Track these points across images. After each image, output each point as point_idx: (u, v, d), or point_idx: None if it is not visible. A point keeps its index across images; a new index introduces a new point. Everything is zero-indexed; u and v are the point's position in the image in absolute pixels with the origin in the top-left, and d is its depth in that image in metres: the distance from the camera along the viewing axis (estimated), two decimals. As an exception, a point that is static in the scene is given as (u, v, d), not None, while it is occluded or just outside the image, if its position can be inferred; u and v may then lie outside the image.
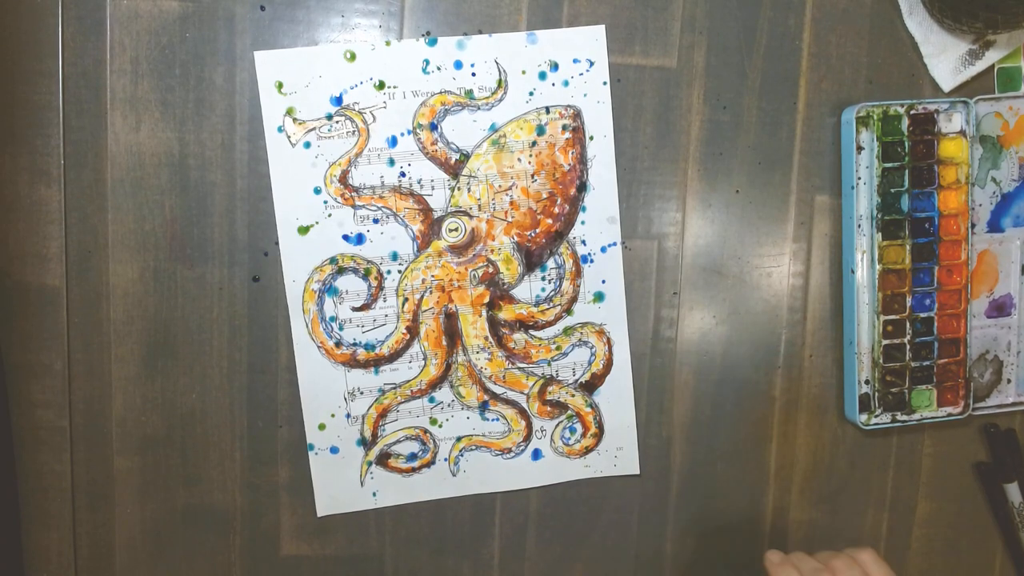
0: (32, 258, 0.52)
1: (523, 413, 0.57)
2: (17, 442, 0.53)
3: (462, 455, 0.56)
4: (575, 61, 0.54)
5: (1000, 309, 0.60)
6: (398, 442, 0.56)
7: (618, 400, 0.57)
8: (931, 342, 0.58)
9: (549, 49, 0.54)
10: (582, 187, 0.55)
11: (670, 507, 0.59)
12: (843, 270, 0.58)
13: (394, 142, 0.53)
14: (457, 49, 0.53)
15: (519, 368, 0.56)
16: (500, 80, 0.53)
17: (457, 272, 0.55)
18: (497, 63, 0.53)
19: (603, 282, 0.56)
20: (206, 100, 0.52)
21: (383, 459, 0.56)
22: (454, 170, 0.54)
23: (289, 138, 0.52)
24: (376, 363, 0.55)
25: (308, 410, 0.55)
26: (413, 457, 0.56)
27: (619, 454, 0.58)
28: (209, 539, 0.55)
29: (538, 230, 0.55)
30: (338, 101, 0.52)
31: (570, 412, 0.57)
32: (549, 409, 0.57)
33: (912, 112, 0.56)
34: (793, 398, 0.60)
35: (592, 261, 0.56)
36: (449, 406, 0.56)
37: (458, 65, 0.53)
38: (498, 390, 0.56)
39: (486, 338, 0.55)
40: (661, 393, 0.58)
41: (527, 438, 0.57)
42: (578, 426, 0.57)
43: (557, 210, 0.55)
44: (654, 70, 0.55)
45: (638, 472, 0.58)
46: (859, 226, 0.57)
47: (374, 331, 0.54)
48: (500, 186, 0.54)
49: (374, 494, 0.56)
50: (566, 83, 0.54)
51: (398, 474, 0.56)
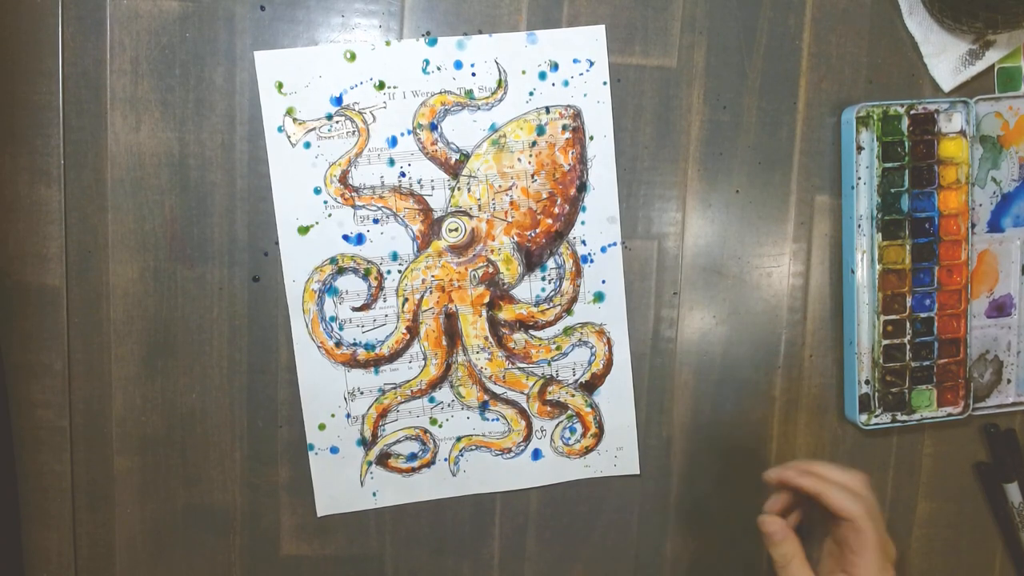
0: (32, 258, 0.52)
1: (523, 413, 0.57)
2: (17, 442, 0.53)
3: (462, 455, 0.56)
4: (575, 61, 0.54)
5: (1000, 309, 0.60)
6: (398, 442, 0.56)
7: (618, 400, 0.57)
8: (931, 342, 0.58)
9: (549, 49, 0.54)
10: (582, 187, 0.55)
11: (670, 507, 0.59)
12: (843, 270, 0.58)
13: (394, 142, 0.53)
14: (457, 49, 0.53)
15: (519, 368, 0.56)
16: (500, 80, 0.53)
17: (457, 272, 0.55)
18: (497, 63, 0.53)
19: (603, 282, 0.56)
20: (206, 100, 0.52)
21: (383, 459, 0.56)
22: (454, 170, 0.54)
23: (289, 138, 0.52)
24: (376, 363, 0.55)
25: (308, 410, 0.55)
26: (413, 457, 0.56)
27: (619, 454, 0.58)
28: (209, 539, 0.55)
29: (538, 230, 0.55)
30: (338, 101, 0.52)
31: (570, 412, 0.57)
32: (549, 409, 0.57)
33: (912, 112, 0.56)
34: (793, 398, 0.60)
35: (592, 261, 0.56)
36: (449, 406, 0.56)
37: (458, 65, 0.53)
38: (498, 390, 0.56)
39: (486, 338, 0.55)
40: (661, 393, 0.58)
41: (527, 438, 0.57)
42: (578, 426, 0.57)
43: (557, 210, 0.55)
44: (654, 70, 0.55)
45: (638, 472, 0.58)
46: (859, 226, 0.57)
47: (374, 331, 0.54)
48: (500, 186, 0.54)
49: (374, 494, 0.56)
50: (566, 83, 0.54)
51: (398, 474, 0.56)
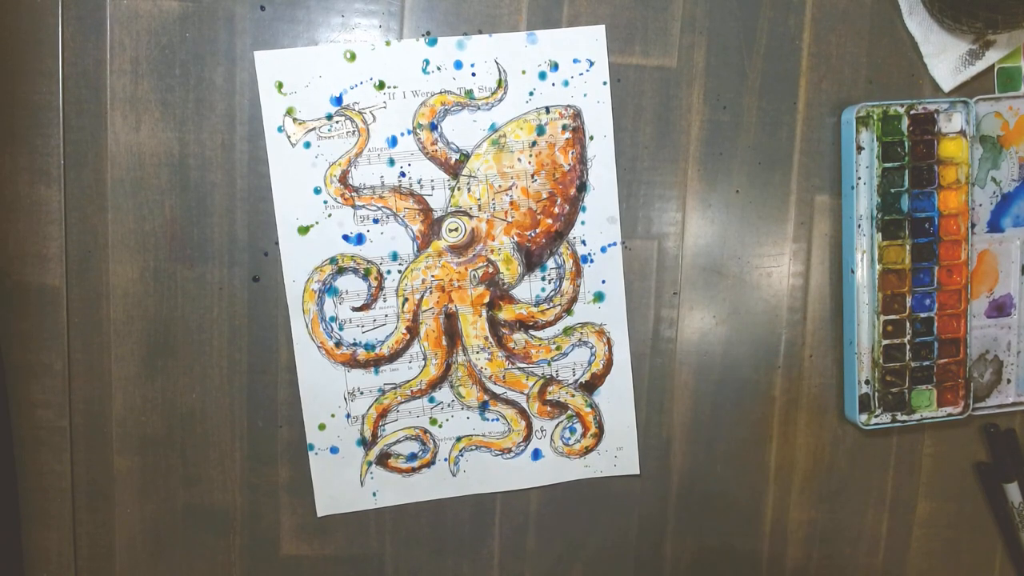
0: (32, 258, 0.52)
1: (523, 413, 0.57)
2: (17, 442, 0.53)
3: (462, 455, 0.56)
4: (575, 61, 0.54)
5: (1000, 309, 0.60)
6: (398, 442, 0.56)
7: (618, 400, 0.57)
8: (931, 342, 0.58)
9: (549, 49, 0.54)
10: (582, 187, 0.55)
11: (670, 507, 0.59)
12: (843, 270, 0.58)
13: (394, 142, 0.53)
14: (457, 49, 0.53)
15: (519, 368, 0.56)
16: (500, 80, 0.53)
17: (457, 272, 0.55)
18: (497, 63, 0.53)
19: (603, 282, 0.56)
20: (206, 100, 0.52)
21: (383, 459, 0.56)
22: (454, 170, 0.54)
23: (289, 138, 0.52)
24: (376, 363, 0.55)
25: (308, 410, 0.55)
26: (413, 457, 0.56)
27: (619, 454, 0.58)
28: (209, 539, 0.55)
29: (538, 230, 0.55)
30: (338, 101, 0.52)
31: (570, 412, 0.57)
32: (549, 409, 0.57)
33: (912, 112, 0.56)
34: (793, 398, 0.60)
35: (592, 261, 0.56)
36: (449, 406, 0.56)
37: (458, 65, 0.53)
38: (498, 390, 0.56)
39: (486, 338, 0.55)
40: (661, 393, 0.58)
41: (527, 438, 0.57)
42: (578, 426, 0.57)
43: (557, 210, 0.55)
44: (654, 70, 0.55)
45: (638, 472, 0.58)
46: (859, 226, 0.57)
47: (374, 331, 0.54)
48: (500, 186, 0.54)
49: (374, 494, 0.56)
50: (566, 83, 0.54)
51: (398, 474, 0.56)
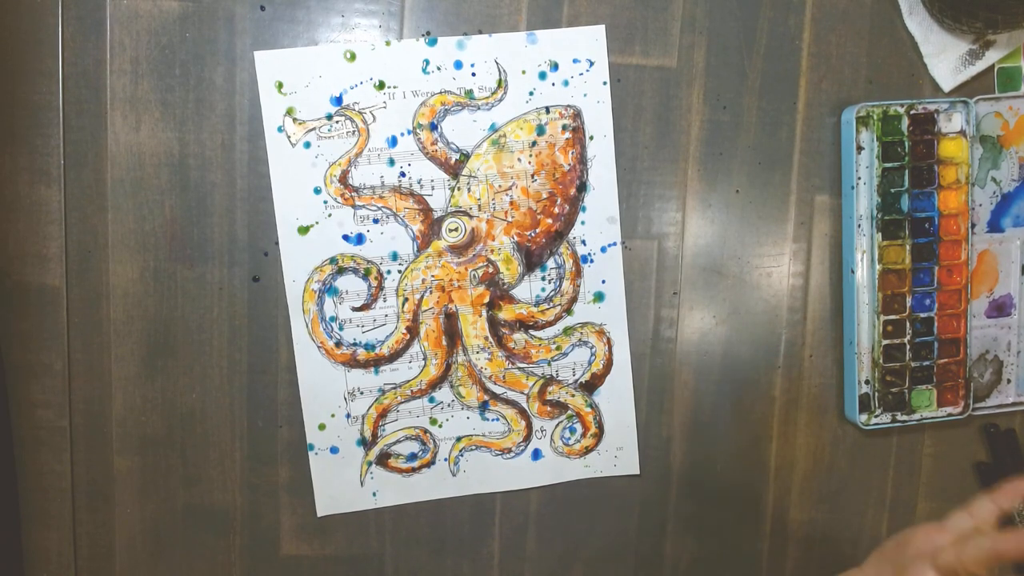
0: (32, 258, 0.52)
1: (523, 413, 0.57)
2: (17, 442, 0.53)
3: (462, 455, 0.56)
4: (575, 61, 0.54)
5: (1000, 309, 0.60)
6: (398, 442, 0.56)
7: (618, 400, 0.57)
8: (931, 342, 0.58)
9: (549, 49, 0.54)
10: (582, 187, 0.55)
11: (670, 507, 0.59)
12: (843, 270, 0.58)
13: (394, 142, 0.53)
14: (457, 49, 0.53)
15: (519, 368, 0.56)
16: (500, 80, 0.53)
17: (457, 272, 0.55)
18: (497, 63, 0.53)
19: (603, 282, 0.56)
20: (206, 100, 0.52)
21: (383, 459, 0.56)
22: (454, 170, 0.54)
23: (289, 138, 0.52)
24: (376, 363, 0.55)
25: (308, 410, 0.55)
26: (413, 457, 0.56)
27: (619, 454, 0.58)
28: (209, 539, 0.55)
29: (538, 230, 0.55)
30: (338, 101, 0.52)
31: (570, 412, 0.57)
32: (549, 409, 0.57)
33: (912, 112, 0.56)
34: (793, 398, 0.60)
35: (592, 261, 0.56)
36: (449, 406, 0.56)
37: (458, 65, 0.53)
38: (498, 390, 0.56)
39: (486, 338, 0.55)
40: (661, 393, 0.58)
41: (527, 438, 0.57)
42: (578, 426, 0.57)
43: (557, 210, 0.55)
44: (654, 70, 0.55)
45: (638, 472, 0.58)
46: (859, 226, 0.57)
47: (374, 331, 0.54)
48: (500, 186, 0.54)
49: (374, 494, 0.56)
50: (566, 83, 0.54)
51: (398, 474, 0.56)
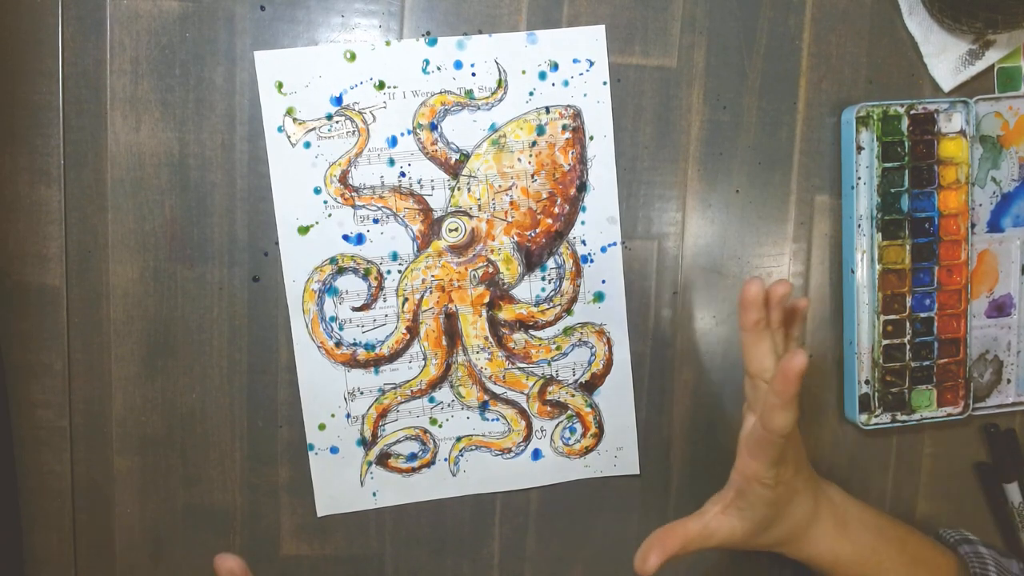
0: (32, 258, 0.52)
1: (523, 413, 0.57)
2: (17, 442, 0.53)
3: (462, 455, 0.56)
4: (575, 61, 0.54)
5: (1000, 309, 0.60)
6: (398, 442, 0.56)
7: (618, 400, 0.57)
8: (931, 342, 0.58)
9: (549, 49, 0.54)
10: (582, 187, 0.55)
11: (670, 507, 0.59)
12: (843, 270, 0.58)
13: (394, 142, 0.53)
14: (457, 49, 0.53)
15: (519, 368, 0.56)
16: (500, 80, 0.53)
17: (457, 272, 0.55)
18: (497, 63, 0.53)
19: (603, 282, 0.56)
20: (206, 100, 0.52)
21: (383, 459, 0.56)
22: (454, 170, 0.54)
23: (289, 138, 0.52)
24: (376, 363, 0.55)
25: (308, 410, 0.55)
26: (413, 457, 0.56)
27: (619, 454, 0.58)
28: (209, 539, 0.55)
29: (538, 230, 0.55)
30: (338, 101, 0.52)
31: (570, 412, 0.57)
32: (549, 409, 0.57)
33: (912, 112, 0.56)
34: (793, 398, 0.59)
35: (592, 261, 0.56)
36: (449, 406, 0.56)
37: (458, 65, 0.53)
38: (498, 390, 0.56)
39: (486, 338, 0.55)
40: (661, 393, 0.58)
41: (527, 438, 0.57)
42: (578, 426, 0.57)
43: (557, 210, 0.55)
44: (654, 70, 0.55)
45: (638, 472, 0.58)
46: (859, 226, 0.57)
47: (374, 331, 0.54)
48: (500, 186, 0.54)
49: (374, 494, 0.56)
50: (566, 83, 0.54)
51: (398, 474, 0.56)
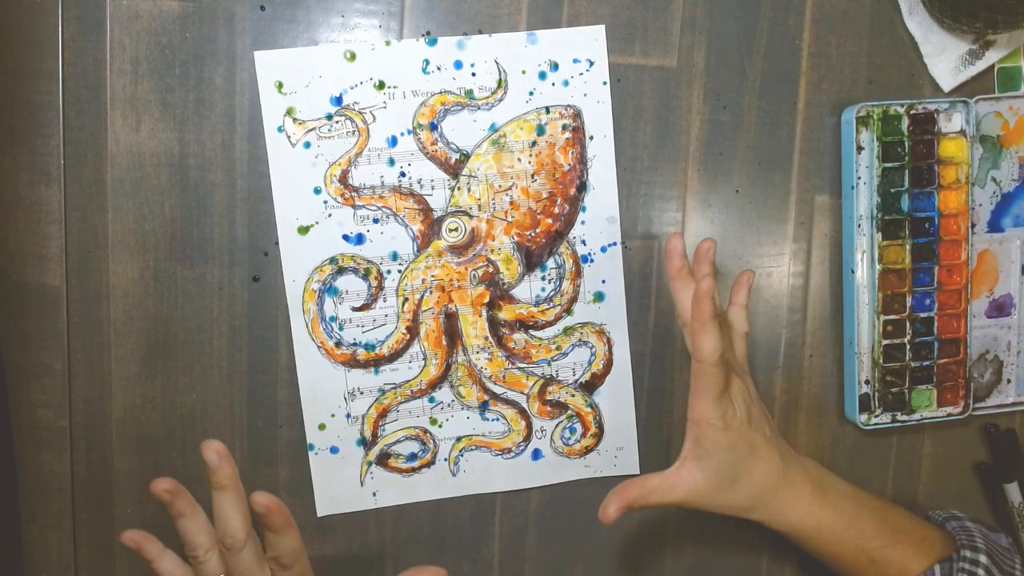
0: (32, 258, 0.52)
1: (523, 413, 0.57)
2: (17, 442, 0.53)
3: (462, 455, 0.56)
4: (575, 61, 0.54)
5: (1000, 309, 0.60)
6: (398, 442, 0.56)
7: (618, 400, 0.57)
8: (931, 342, 0.58)
9: (549, 49, 0.54)
10: (582, 187, 0.55)
11: (670, 507, 0.59)
12: (843, 270, 0.58)
13: (394, 142, 0.53)
14: (457, 49, 0.53)
15: (519, 368, 0.56)
16: (500, 80, 0.53)
17: (457, 272, 0.55)
18: (497, 63, 0.53)
19: (603, 282, 0.56)
20: (206, 100, 0.52)
21: (383, 459, 0.56)
22: (454, 170, 0.54)
23: (289, 138, 0.52)
24: (376, 363, 0.55)
25: (308, 410, 0.54)
26: (413, 457, 0.56)
27: (619, 454, 0.58)
28: (209, 539, 0.55)
29: (538, 230, 0.55)
30: (338, 101, 0.52)
31: (570, 412, 0.57)
32: (549, 409, 0.57)
33: (912, 112, 0.56)
34: (793, 398, 0.60)
35: (592, 261, 0.56)
36: (449, 406, 0.56)
37: (458, 65, 0.53)
38: (498, 390, 0.56)
39: (486, 338, 0.55)
40: (661, 393, 0.58)
41: (527, 438, 0.57)
42: (578, 426, 0.57)
43: (557, 210, 0.55)
44: (654, 70, 0.55)
45: (638, 472, 0.58)
46: (859, 226, 0.57)
47: (374, 331, 0.54)
48: (500, 186, 0.54)
49: (374, 494, 0.56)
50: (566, 83, 0.54)
51: (398, 474, 0.56)
